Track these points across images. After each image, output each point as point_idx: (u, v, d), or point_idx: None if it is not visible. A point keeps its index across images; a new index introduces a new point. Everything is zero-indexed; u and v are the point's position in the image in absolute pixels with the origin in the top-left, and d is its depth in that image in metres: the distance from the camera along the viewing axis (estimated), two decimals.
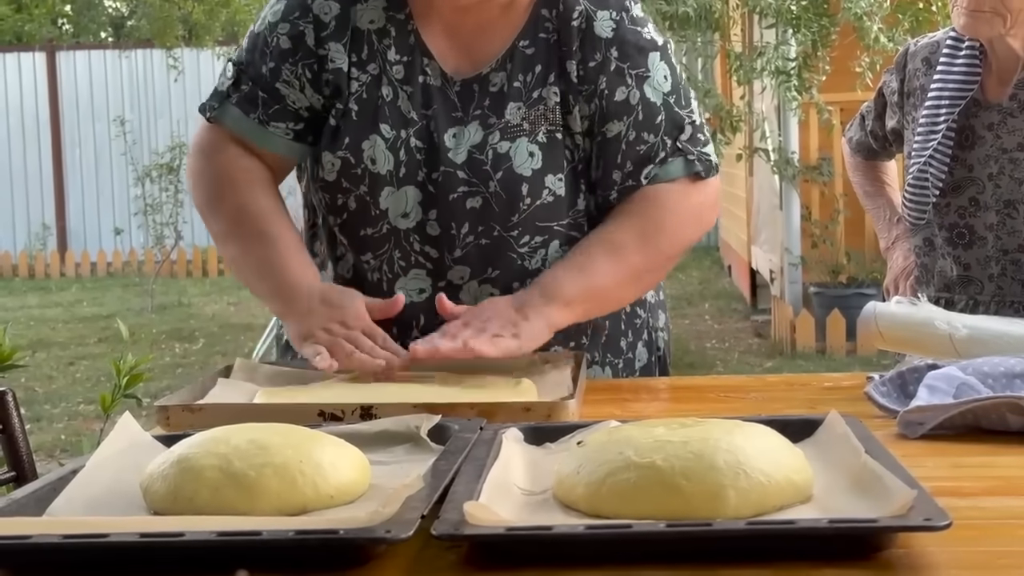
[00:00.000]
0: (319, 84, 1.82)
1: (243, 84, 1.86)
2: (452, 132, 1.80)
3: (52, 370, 7.67)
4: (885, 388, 1.54)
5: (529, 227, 1.80)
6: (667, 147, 1.82)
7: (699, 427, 1.11)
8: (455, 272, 1.81)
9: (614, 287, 1.81)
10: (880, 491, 1.03)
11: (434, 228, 1.80)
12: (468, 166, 1.79)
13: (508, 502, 1.08)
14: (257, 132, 1.85)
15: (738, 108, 7.68)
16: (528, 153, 1.79)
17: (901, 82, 2.43)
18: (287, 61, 1.83)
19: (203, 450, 1.13)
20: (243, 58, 1.88)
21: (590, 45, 1.81)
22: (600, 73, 1.80)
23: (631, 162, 1.81)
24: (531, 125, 1.80)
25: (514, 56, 1.82)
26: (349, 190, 1.81)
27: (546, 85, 1.81)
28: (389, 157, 1.79)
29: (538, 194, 1.79)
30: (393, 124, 1.80)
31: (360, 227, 1.83)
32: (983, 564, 0.97)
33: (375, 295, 1.80)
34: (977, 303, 2.29)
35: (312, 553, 0.98)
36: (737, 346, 7.99)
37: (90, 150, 13.58)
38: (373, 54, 1.82)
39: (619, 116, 1.80)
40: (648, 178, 1.81)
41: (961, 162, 2.29)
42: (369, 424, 1.34)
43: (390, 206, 1.80)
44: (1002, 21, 2.19)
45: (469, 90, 1.82)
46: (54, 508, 1.11)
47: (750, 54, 7.38)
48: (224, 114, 1.87)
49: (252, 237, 1.82)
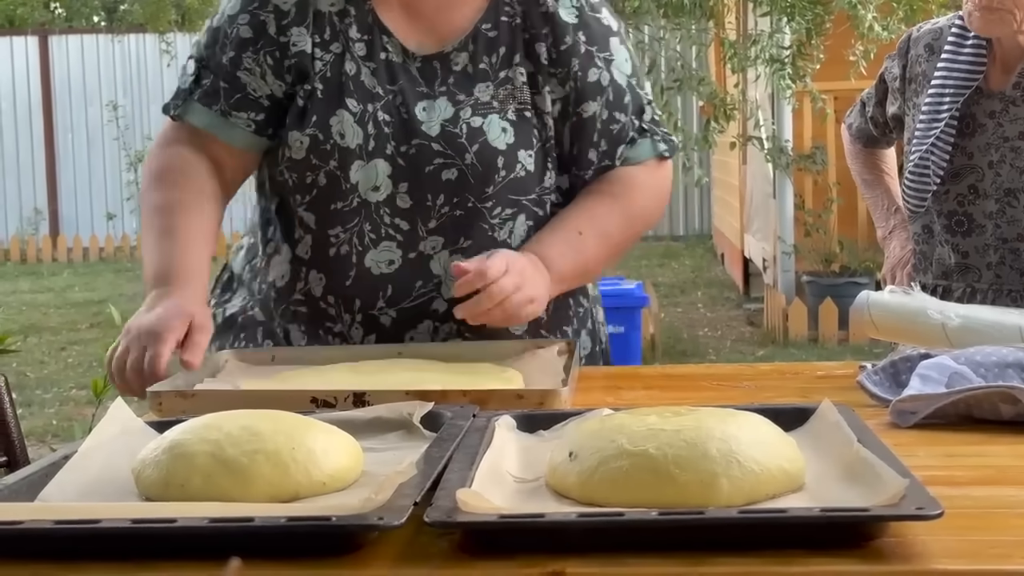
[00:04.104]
0: (281, 71, 1.84)
1: (204, 78, 1.87)
2: (422, 106, 1.83)
3: (44, 355, 7.66)
4: (878, 377, 1.54)
5: (502, 199, 1.84)
6: (635, 127, 1.91)
7: (692, 415, 1.11)
8: (428, 243, 1.83)
9: (596, 267, 1.91)
10: (872, 480, 1.03)
11: (405, 200, 1.83)
12: (443, 139, 1.82)
13: (501, 489, 1.08)
14: (219, 124, 1.85)
15: (732, 96, 7.67)
16: (501, 128, 1.83)
17: (903, 68, 2.43)
18: (248, 50, 1.84)
19: (195, 436, 1.13)
20: (203, 53, 1.89)
21: (559, 29, 1.86)
22: (572, 56, 1.86)
23: (606, 141, 1.88)
24: (500, 103, 1.85)
25: (477, 38, 1.86)
26: (319, 166, 1.82)
27: (512, 66, 1.86)
28: (358, 131, 1.81)
29: (512, 168, 1.84)
30: (359, 99, 1.82)
31: (330, 202, 1.83)
32: (975, 553, 0.97)
33: (343, 269, 1.83)
34: (975, 291, 2.29)
35: (304, 540, 0.98)
36: (730, 334, 8.00)
37: (82, 135, 13.54)
38: (336, 34, 1.85)
39: (593, 96, 1.87)
40: (621, 158, 1.89)
41: (961, 150, 2.29)
42: (362, 411, 1.33)
43: (360, 180, 1.82)
44: (1013, 19, 2.20)
45: (430, 67, 1.85)
46: (46, 494, 1.10)
47: (744, 42, 7.37)
48: (187, 111, 1.87)
49: (158, 232, 1.81)
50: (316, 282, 1.84)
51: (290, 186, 1.86)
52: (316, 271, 1.85)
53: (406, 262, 1.82)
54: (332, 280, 1.84)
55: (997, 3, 2.18)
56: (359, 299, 1.83)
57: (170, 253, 1.77)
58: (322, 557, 0.98)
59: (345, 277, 1.83)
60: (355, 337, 1.83)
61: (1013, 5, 2.18)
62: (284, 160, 1.85)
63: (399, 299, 1.82)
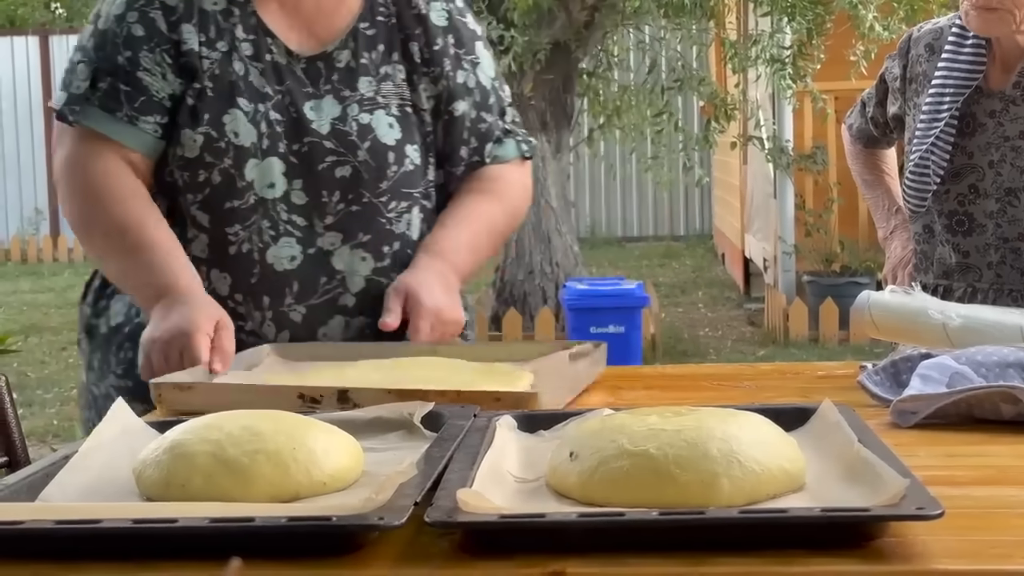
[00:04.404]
0: (178, 69, 1.83)
1: (100, 82, 1.83)
2: (310, 105, 1.86)
3: (44, 355, 7.66)
4: (878, 377, 1.54)
5: (395, 193, 1.89)
6: (500, 128, 2.00)
7: (692, 415, 1.11)
8: (326, 239, 1.86)
9: (484, 264, 2.05)
10: (873, 480, 1.03)
11: (300, 197, 1.85)
12: (334, 136, 1.86)
13: (501, 489, 1.08)
14: (126, 132, 1.82)
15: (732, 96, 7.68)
16: (388, 124, 1.89)
17: (904, 68, 2.43)
18: (143, 48, 1.83)
19: (196, 436, 1.13)
20: (92, 56, 1.85)
21: (431, 31, 1.95)
22: (443, 56, 1.95)
23: (475, 139, 1.97)
24: (384, 99, 1.90)
25: (356, 36, 1.91)
26: (213, 164, 1.82)
27: (391, 63, 1.92)
28: (251, 130, 1.83)
29: (402, 162, 1.89)
30: (250, 98, 1.84)
31: (225, 200, 1.83)
32: (975, 553, 0.97)
33: (247, 266, 1.83)
34: (976, 291, 2.29)
35: (305, 540, 0.98)
36: (730, 334, 7.99)
37: None
38: (221, 32, 1.85)
39: (462, 96, 1.96)
40: (490, 156, 1.98)
41: (961, 149, 2.29)
42: (363, 411, 1.34)
43: (255, 177, 1.83)
44: (1012, 19, 2.19)
45: (315, 67, 1.89)
46: (47, 494, 1.10)
47: (745, 42, 7.38)
48: (88, 117, 1.83)
49: (131, 251, 1.79)
50: (220, 281, 1.84)
51: (181, 186, 1.85)
52: (218, 270, 1.84)
53: (307, 258, 1.84)
54: (236, 278, 1.84)
55: (996, 3, 2.18)
56: (267, 296, 1.84)
57: (161, 265, 1.77)
58: (323, 557, 0.98)
59: (249, 275, 1.83)
60: (268, 335, 1.84)
61: (1012, 5, 2.18)
62: (176, 159, 1.84)
63: (306, 295, 1.84)
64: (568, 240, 7.54)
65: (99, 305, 1.94)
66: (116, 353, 1.89)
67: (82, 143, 1.84)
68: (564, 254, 7.47)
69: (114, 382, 1.88)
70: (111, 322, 1.91)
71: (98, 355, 1.92)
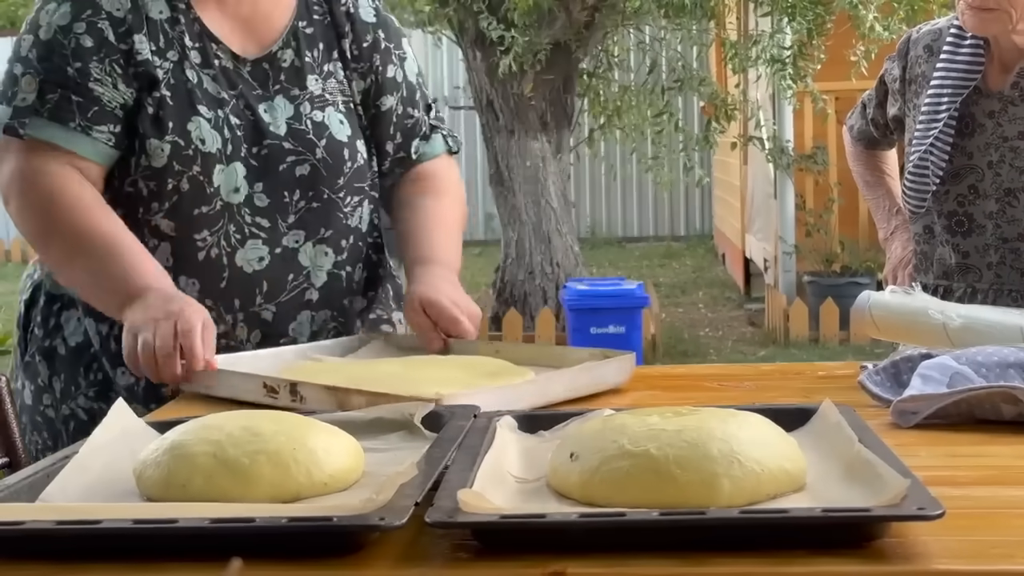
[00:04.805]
0: (128, 79, 1.82)
1: (50, 93, 1.79)
2: (263, 107, 1.88)
3: None
4: (879, 377, 1.54)
5: (350, 189, 1.93)
6: (426, 124, 2.04)
7: (693, 416, 1.11)
8: (290, 237, 1.88)
9: None
10: (873, 480, 1.03)
11: (262, 200, 1.86)
12: (292, 136, 1.88)
13: (502, 490, 1.08)
14: (80, 141, 1.79)
15: (733, 96, 7.68)
16: (339, 120, 1.93)
17: (903, 69, 2.43)
18: (93, 59, 1.80)
19: (196, 437, 1.13)
20: (37, 67, 1.81)
21: (361, 27, 1.98)
22: (374, 51, 1.99)
23: (401, 134, 2.01)
24: (331, 96, 1.94)
25: (296, 35, 1.94)
26: (182, 172, 1.82)
27: (331, 60, 1.96)
28: (216, 136, 1.83)
29: (355, 158, 1.94)
30: (209, 105, 1.84)
31: (194, 207, 1.83)
32: (976, 553, 0.97)
33: (216, 271, 1.84)
34: (976, 291, 2.29)
35: (306, 540, 0.98)
36: (731, 335, 7.99)
37: None
38: (170, 42, 1.85)
39: (391, 91, 2.00)
40: (416, 152, 2.03)
41: (961, 150, 2.29)
42: (363, 411, 1.34)
43: (222, 183, 1.84)
44: (1008, 18, 2.19)
45: (261, 69, 1.90)
46: (47, 494, 1.11)
47: (745, 42, 7.38)
48: (38, 128, 1.79)
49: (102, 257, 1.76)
50: (189, 287, 1.83)
51: (146, 195, 1.83)
52: (186, 276, 1.83)
53: (275, 257, 1.87)
54: (205, 283, 1.84)
55: (993, 2, 2.18)
56: (237, 299, 1.85)
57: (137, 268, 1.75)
58: (323, 557, 0.98)
59: (219, 279, 1.84)
60: (240, 335, 1.86)
61: (1008, 4, 2.18)
62: (141, 169, 1.82)
63: (275, 294, 1.87)
64: (568, 240, 7.54)
65: (50, 324, 1.90)
66: (85, 375, 1.86)
67: (33, 155, 1.80)
68: (564, 254, 7.47)
69: (84, 403, 1.85)
70: (69, 342, 1.88)
71: (60, 376, 1.88)
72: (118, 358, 1.76)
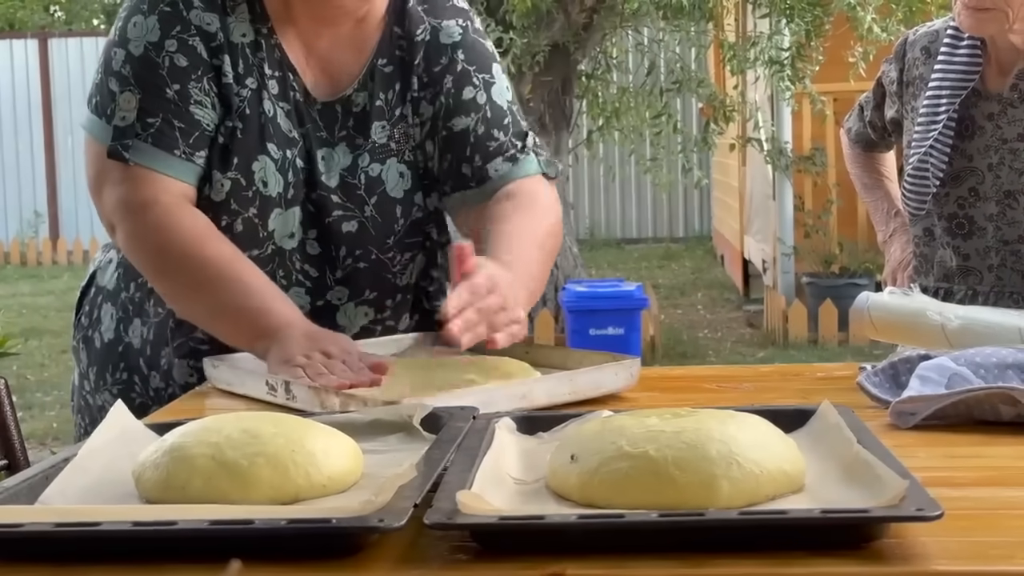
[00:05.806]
0: (219, 99, 1.74)
1: (151, 117, 1.72)
2: (321, 154, 1.79)
3: (44, 358, 7.66)
4: (877, 378, 1.54)
5: (401, 246, 1.83)
6: (517, 147, 1.87)
7: (692, 417, 1.11)
8: (334, 293, 1.82)
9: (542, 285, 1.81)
10: (872, 481, 1.03)
11: (314, 247, 1.80)
12: (342, 190, 1.79)
13: (501, 491, 1.08)
14: (183, 168, 1.73)
15: (731, 98, 7.68)
16: (399, 174, 1.82)
17: (900, 71, 2.43)
18: (191, 79, 1.73)
19: (195, 439, 1.13)
20: (134, 85, 1.73)
21: (435, 52, 1.84)
22: (446, 73, 1.84)
23: (480, 156, 1.84)
24: (397, 144, 1.82)
25: (374, 75, 1.82)
26: (238, 212, 1.76)
27: (405, 103, 1.83)
28: (279, 179, 1.76)
29: (409, 213, 1.83)
30: (279, 144, 1.76)
31: (245, 249, 1.74)
32: (975, 554, 0.97)
33: None
34: (976, 293, 2.29)
35: (305, 542, 0.98)
36: (729, 336, 7.99)
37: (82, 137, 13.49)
38: (250, 68, 1.76)
39: (467, 112, 1.84)
40: (498, 171, 1.84)
41: (961, 152, 2.29)
42: (362, 413, 1.34)
43: (277, 227, 1.77)
44: (1005, 18, 2.19)
45: (332, 111, 1.81)
46: (46, 496, 1.10)
47: (744, 44, 7.38)
48: (142, 155, 1.72)
49: (229, 291, 1.69)
50: None
51: None
52: None
53: (314, 309, 1.79)
54: None
55: (989, 2, 2.18)
56: None
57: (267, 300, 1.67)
58: (322, 559, 0.98)
59: None
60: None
61: (1004, 4, 2.18)
62: (201, 199, 1.75)
63: None
64: (567, 242, 7.55)
65: (93, 315, 1.92)
66: (112, 372, 1.87)
67: (141, 183, 1.72)
68: (563, 256, 7.48)
69: (109, 400, 1.84)
70: (104, 337, 1.89)
71: (95, 368, 1.89)
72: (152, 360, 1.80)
